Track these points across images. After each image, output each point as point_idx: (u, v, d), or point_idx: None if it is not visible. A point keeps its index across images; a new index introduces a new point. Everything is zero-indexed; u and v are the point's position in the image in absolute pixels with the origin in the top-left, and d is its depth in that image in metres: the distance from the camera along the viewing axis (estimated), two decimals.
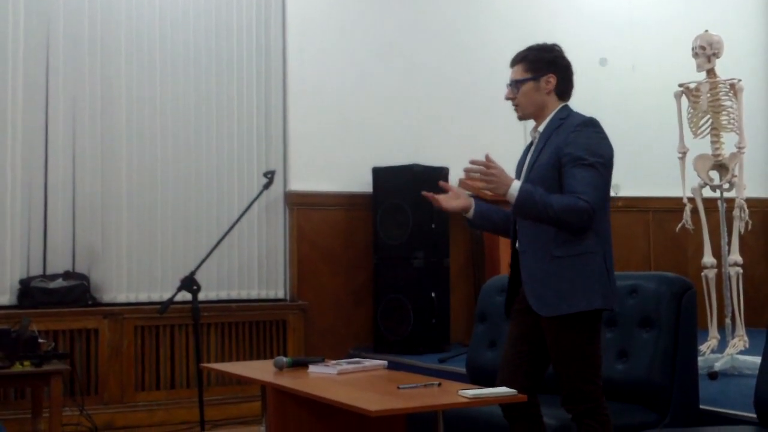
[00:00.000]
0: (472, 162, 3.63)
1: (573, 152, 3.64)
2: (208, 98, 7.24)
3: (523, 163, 3.92)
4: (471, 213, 3.91)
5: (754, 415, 3.84)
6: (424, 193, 3.97)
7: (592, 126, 3.72)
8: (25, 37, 6.71)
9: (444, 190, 3.95)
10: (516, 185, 3.60)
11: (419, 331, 7.10)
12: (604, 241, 3.72)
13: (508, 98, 3.90)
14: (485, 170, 3.59)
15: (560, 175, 3.66)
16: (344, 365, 4.35)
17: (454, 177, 7.35)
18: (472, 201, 3.91)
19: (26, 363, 5.32)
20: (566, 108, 3.85)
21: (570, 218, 3.58)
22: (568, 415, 3.78)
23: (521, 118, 3.91)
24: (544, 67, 3.83)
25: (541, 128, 3.84)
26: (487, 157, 3.63)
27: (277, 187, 7.23)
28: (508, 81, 3.91)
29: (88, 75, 6.86)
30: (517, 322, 3.87)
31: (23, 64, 6.70)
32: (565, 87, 3.87)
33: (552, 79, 3.82)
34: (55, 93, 6.76)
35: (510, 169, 3.76)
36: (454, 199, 3.91)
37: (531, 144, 3.93)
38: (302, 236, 7.44)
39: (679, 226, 6.20)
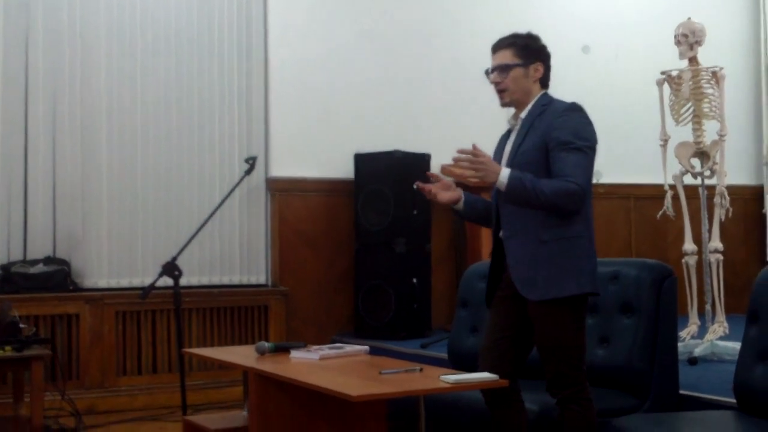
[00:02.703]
0: (460, 151, 3.62)
1: (560, 136, 3.66)
2: (189, 84, 7.21)
3: (502, 151, 3.92)
4: (461, 205, 3.92)
5: (734, 401, 3.88)
6: (418, 184, 3.95)
7: (578, 111, 3.76)
8: (4, 25, 6.66)
9: (431, 180, 3.94)
10: (505, 172, 3.60)
11: (401, 317, 7.11)
12: (590, 225, 3.75)
13: (494, 82, 3.88)
14: (474, 158, 3.60)
15: (547, 159, 3.68)
16: (326, 350, 4.37)
17: (436, 163, 7.36)
18: (461, 193, 3.91)
19: (7, 348, 5.30)
20: (547, 95, 3.88)
21: (562, 202, 3.60)
22: (549, 400, 3.80)
23: (506, 104, 3.91)
24: (533, 55, 3.85)
25: (523, 115, 3.85)
26: (474, 146, 3.64)
27: (258, 173, 7.22)
28: (490, 66, 3.90)
29: (68, 61, 6.82)
30: (500, 309, 3.87)
31: (2, 53, 6.66)
32: (547, 76, 3.91)
33: (540, 68, 3.85)
34: (35, 76, 6.72)
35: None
36: (444, 190, 3.90)
37: (509, 131, 3.95)
38: (284, 222, 7.43)
39: (660, 212, 6.23)
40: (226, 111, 7.33)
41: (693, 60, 6.01)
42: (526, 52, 3.84)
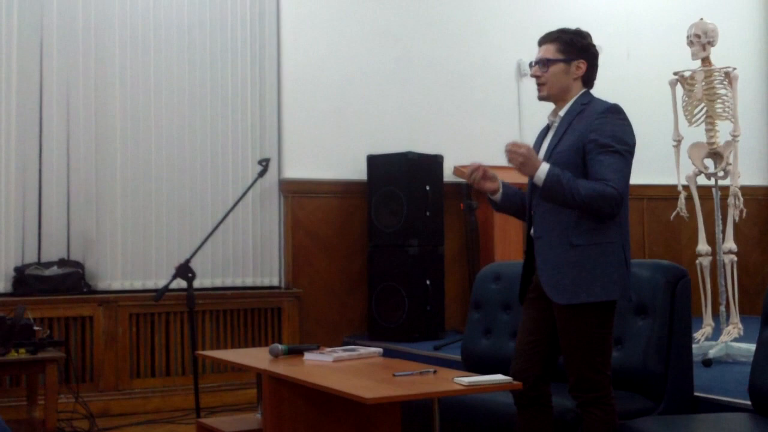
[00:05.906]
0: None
1: (599, 139, 3.62)
2: (203, 86, 7.23)
3: (539, 146, 3.88)
4: (498, 196, 3.87)
5: (749, 402, 3.87)
6: (473, 164, 3.88)
7: (617, 113, 3.71)
8: (18, 24, 6.69)
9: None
10: (545, 167, 3.57)
11: (414, 319, 7.11)
12: (624, 231, 3.70)
13: (534, 76, 3.84)
14: (514, 149, 3.56)
15: (584, 161, 3.64)
16: (339, 352, 4.36)
17: (449, 165, 7.37)
18: (500, 183, 3.86)
19: (21, 350, 5.33)
20: (588, 93, 3.83)
21: (597, 204, 3.57)
22: (567, 403, 3.78)
23: (543, 98, 3.85)
24: (577, 52, 3.80)
25: (562, 112, 3.81)
26: (514, 141, 3.62)
27: (271, 175, 7.22)
28: (534, 59, 3.86)
29: (82, 64, 6.85)
30: (531, 310, 3.85)
31: (17, 52, 6.68)
32: (591, 75, 3.85)
33: (582, 65, 3.80)
34: (49, 81, 6.75)
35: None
36: (487, 179, 3.84)
37: (548, 128, 3.91)
38: (297, 224, 7.44)
39: (674, 213, 6.20)
40: (240, 113, 7.34)
41: (706, 60, 5.99)
42: (569, 48, 3.79)
